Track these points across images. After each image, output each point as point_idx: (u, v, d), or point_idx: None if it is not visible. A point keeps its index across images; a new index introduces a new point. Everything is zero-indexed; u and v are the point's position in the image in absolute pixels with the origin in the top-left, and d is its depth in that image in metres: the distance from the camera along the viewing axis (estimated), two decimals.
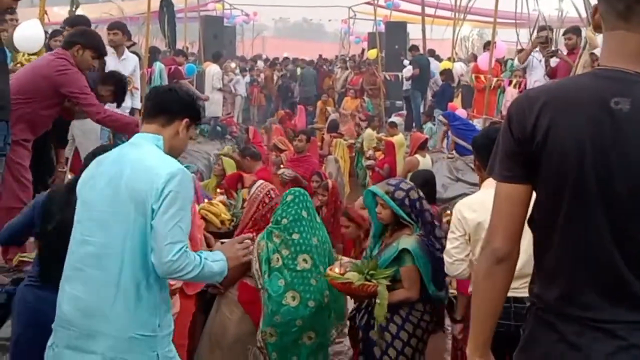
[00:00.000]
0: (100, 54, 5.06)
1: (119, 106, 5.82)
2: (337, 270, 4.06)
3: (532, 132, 1.73)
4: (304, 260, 4.25)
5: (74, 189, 2.81)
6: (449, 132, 10.91)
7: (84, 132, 6.07)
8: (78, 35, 4.99)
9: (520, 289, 3.46)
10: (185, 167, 2.99)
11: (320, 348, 4.36)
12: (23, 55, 6.11)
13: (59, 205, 3.20)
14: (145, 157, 2.63)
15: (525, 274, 3.44)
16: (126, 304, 2.52)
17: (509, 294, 3.40)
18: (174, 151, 2.77)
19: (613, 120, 1.67)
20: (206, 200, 5.00)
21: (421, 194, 4.17)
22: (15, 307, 3.31)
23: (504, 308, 3.39)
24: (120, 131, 5.18)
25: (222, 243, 3.14)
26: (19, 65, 5.84)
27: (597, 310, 1.74)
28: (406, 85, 15.31)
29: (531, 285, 1.92)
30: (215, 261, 2.68)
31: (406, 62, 16.15)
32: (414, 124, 14.60)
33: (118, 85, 5.52)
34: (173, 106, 2.77)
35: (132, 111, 7.89)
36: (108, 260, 2.54)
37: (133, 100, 8.09)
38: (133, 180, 2.56)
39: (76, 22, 6.59)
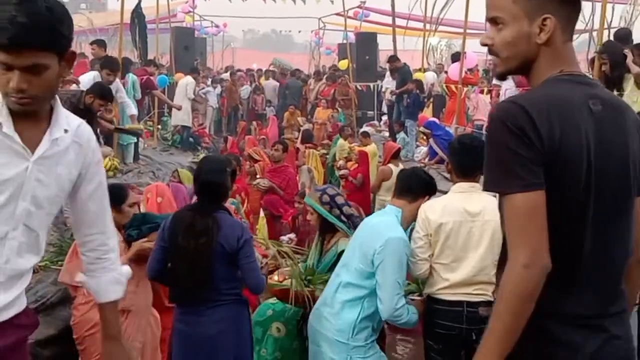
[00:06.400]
0: None
1: None
2: (276, 277, 4.10)
3: (548, 139, 1.72)
4: None
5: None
6: (431, 142, 11.00)
7: None
8: None
9: (473, 294, 3.57)
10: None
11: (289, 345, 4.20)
12: None
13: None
14: (380, 223, 3.64)
15: (478, 280, 3.57)
16: (332, 316, 3.56)
17: (463, 299, 3.58)
18: (414, 218, 3.66)
19: (595, 120, 1.78)
20: None
21: (347, 201, 4.22)
22: None
23: (457, 312, 3.54)
24: None
25: None
26: None
27: (591, 308, 1.79)
28: (389, 96, 14.87)
29: (546, 299, 1.74)
30: (414, 313, 3.54)
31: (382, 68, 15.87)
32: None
33: None
34: (417, 187, 3.72)
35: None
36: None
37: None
38: (366, 238, 3.55)
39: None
